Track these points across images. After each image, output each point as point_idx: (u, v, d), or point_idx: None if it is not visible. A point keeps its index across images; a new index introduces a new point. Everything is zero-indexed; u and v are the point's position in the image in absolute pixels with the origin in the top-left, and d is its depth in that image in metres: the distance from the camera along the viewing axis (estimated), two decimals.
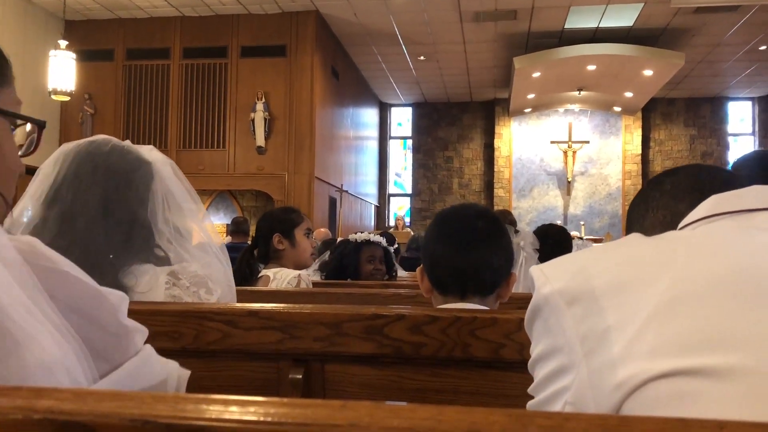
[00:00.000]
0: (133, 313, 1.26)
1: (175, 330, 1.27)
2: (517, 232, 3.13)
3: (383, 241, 3.30)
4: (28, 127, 0.88)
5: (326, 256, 3.35)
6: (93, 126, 9.99)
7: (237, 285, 2.44)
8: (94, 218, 1.30)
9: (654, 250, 0.69)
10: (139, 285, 1.32)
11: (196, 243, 1.44)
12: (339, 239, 3.39)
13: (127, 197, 1.35)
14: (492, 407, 1.12)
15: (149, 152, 1.43)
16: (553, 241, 3.23)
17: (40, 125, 0.89)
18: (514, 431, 0.38)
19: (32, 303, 0.63)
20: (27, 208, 1.34)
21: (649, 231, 0.89)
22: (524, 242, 3.06)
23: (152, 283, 1.33)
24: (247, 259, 2.66)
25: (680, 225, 0.77)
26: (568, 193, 14.10)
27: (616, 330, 0.62)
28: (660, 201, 0.91)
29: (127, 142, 1.44)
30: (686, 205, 0.78)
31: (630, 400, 0.60)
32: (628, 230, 0.93)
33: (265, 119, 9.76)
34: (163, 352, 1.28)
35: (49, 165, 1.37)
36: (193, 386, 1.32)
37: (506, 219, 4.18)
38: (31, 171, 0.90)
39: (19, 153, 0.85)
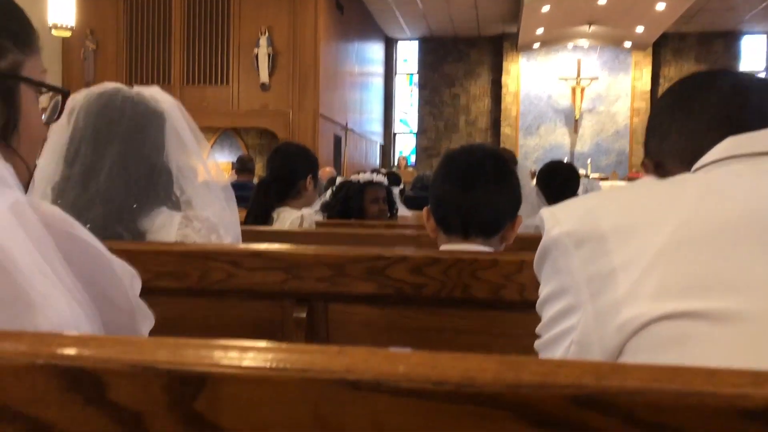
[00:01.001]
0: (138, 254, 1.28)
1: (180, 270, 1.29)
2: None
3: (385, 180, 3.31)
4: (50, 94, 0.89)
5: (327, 196, 3.35)
6: (95, 62, 9.87)
7: (251, 224, 2.46)
8: (114, 172, 1.34)
9: (663, 192, 0.69)
10: (154, 226, 1.36)
11: (203, 183, 1.45)
12: (340, 180, 3.37)
13: (143, 148, 1.38)
14: (492, 346, 1.15)
15: (158, 96, 1.44)
16: (562, 178, 3.19)
17: (65, 93, 0.90)
18: (507, 378, 0.38)
19: (48, 267, 0.64)
20: (47, 165, 1.36)
21: (666, 158, 0.86)
22: (522, 181, 3.04)
23: (166, 223, 1.37)
24: (263, 199, 2.58)
25: (694, 167, 0.77)
26: (576, 130, 13.98)
27: (622, 271, 0.63)
28: (685, 126, 0.85)
29: (137, 89, 1.44)
30: (709, 142, 0.76)
31: (632, 340, 0.61)
32: (648, 141, 0.89)
33: (269, 55, 9.62)
34: (168, 291, 1.31)
35: (63, 119, 1.38)
36: (200, 325, 1.35)
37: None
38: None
39: (43, 119, 0.87)
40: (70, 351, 0.41)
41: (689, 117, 0.84)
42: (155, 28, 9.91)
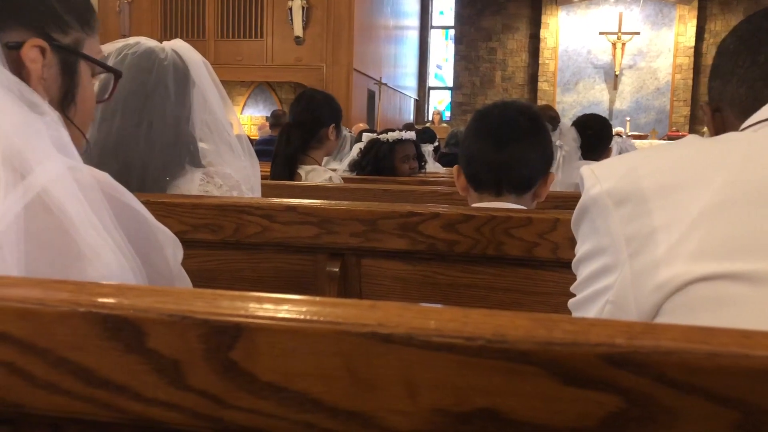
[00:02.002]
0: (175, 206, 1.30)
1: (215, 223, 1.31)
2: (555, 129, 3.04)
3: (413, 136, 3.27)
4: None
5: (354, 153, 3.32)
6: (130, 15, 9.89)
7: (278, 173, 2.46)
8: (144, 141, 1.36)
9: (708, 152, 0.67)
10: (177, 187, 1.40)
11: (225, 140, 1.47)
12: (367, 137, 3.31)
13: (171, 114, 1.39)
14: (524, 304, 1.15)
15: (187, 54, 1.43)
16: (593, 132, 3.11)
17: (117, 75, 0.96)
18: (539, 335, 0.38)
19: (100, 224, 0.67)
20: None
21: (725, 104, 0.83)
22: (565, 138, 2.97)
23: (187, 180, 1.40)
24: (285, 145, 2.50)
25: (744, 125, 0.74)
26: (615, 87, 13.65)
27: (663, 231, 0.62)
28: (748, 74, 0.80)
29: (168, 47, 1.43)
30: None
31: (669, 301, 0.60)
32: (710, 83, 0.86)
33: (303, 8, 9.52)
34: (204, 243, 1.33)
35: None
36: (234, 277, 1.37)
37: (547, 114, 4.08)
38: None
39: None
40: (111, 300, 0.43)
41: (753, 65, 0.79)
42: None
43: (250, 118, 10.23)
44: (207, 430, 0.43)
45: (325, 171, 2.55)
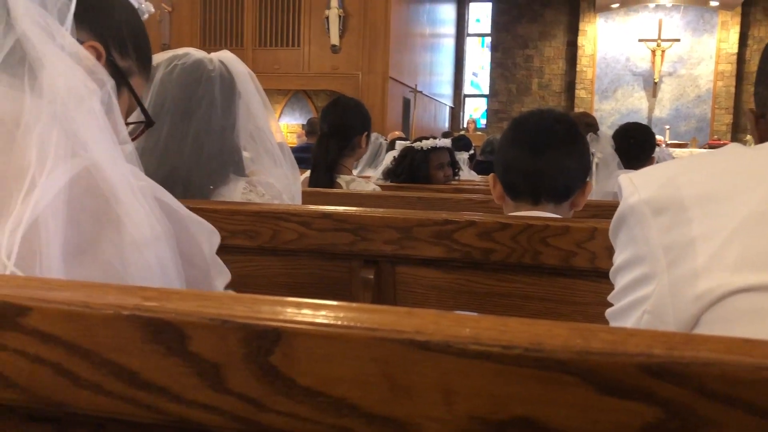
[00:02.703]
0: (213, 212, 1.32)
1: (252, 229, 1.32)
2: (595, 136, 3.00)
3: (448, 143, 3.26)
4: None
5: (388, 161, 3.33)
6: (171, 24, 10.08)
7: (315, 181, 2.48)
8: (191, 151, 1.39)
9: (750, 161, 0.66)
10: (221, 194, 1.43)
11: (267, 149, 1.49)
12: (400, 145, 3.31)
13: (216, 125, 1.43)
14: (561, 313, 1.14)
15: (234, 65, 1.46)
16: (635, 141, 3.05)
17: (149, 124, 0.97)
18: (577, 345, 0.38)
19: (140, 191, 0.69)
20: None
21: (764, 118, 0.81)
22: (601, 146, 2.93)
23: (231, 190, 1.43)
24: (324, 155, 2.50)
25: None
26: (654, 95, 13.44)
27: (702, 241, 0.61)
28: None
29: (216, 59, 1.46)
30: None
31: (709, 312, 0.59)
32: (756, 88, 0.84)
33: (340, 17, 9.59)
34: (241, 250, 1.35)
35: None
36: (270, 282, 1.39)
37: (584, 121, 4.02)
38: None
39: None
40: (154, 303, 0.44)
41: None
42: None
43: (287, 126, 10.33)
44: None
45: (368, 183, 2.56)
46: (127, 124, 0.94)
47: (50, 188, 0.62)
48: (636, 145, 2.97)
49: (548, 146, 1.38)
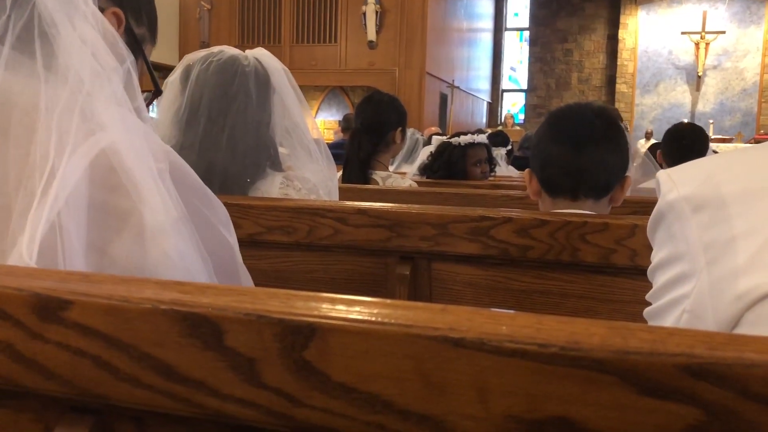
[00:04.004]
0: (249, 208, 1.34)
1: (289, 225, 1.33)
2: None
3: (485, 139, 3.23)
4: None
5: (424, 156, 3.31)
6: (210, 22, 10.21)
7: (349, 177, 2.48)
8: (228, 144, 1.41)
9: None
10: (258, 189, 1.45)
11: (304, 144, 1.50)
12: (438, 140, 3.29)
13: (252, 120, 1.44)
14: (599, 312, 1.12)
15: (269, 62, 1.48)
16: (687, 142, 2.94)
17: (157, 92, 0.96)
18: (615, 344, 0.38)
19: (158, 174, 0.66)
20: (161, 125, 1.45)
21: None
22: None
23: (267, 183, 1.45)
24: (357, 151, 2.51)
25: None
26: (698, 88, 13.14)
27: (743, 239, 0.59)
28: None
29: (251, 56, 1.48)
30: None
31: (750, 312, 0.58)
32: None
33: (377, 12, 9.60)
34: (277, 245, 1.36)
35: (176, 83, 1.46)
36: (306, 278, 1.39)
37: None
38: (155, 66, 0.96)
39: None
40: (190, 298, 0.44)
41: None
42: None
43: (324, 122, 10.38)
44: (280, 427, 0.44)
45: (404, 179, 2.56)
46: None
47: (69, 179, 0.60)
48: (687, 147, 2.85)
49: (589, 141, 1.36)
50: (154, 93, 0.96)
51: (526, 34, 14.64)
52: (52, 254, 0.59)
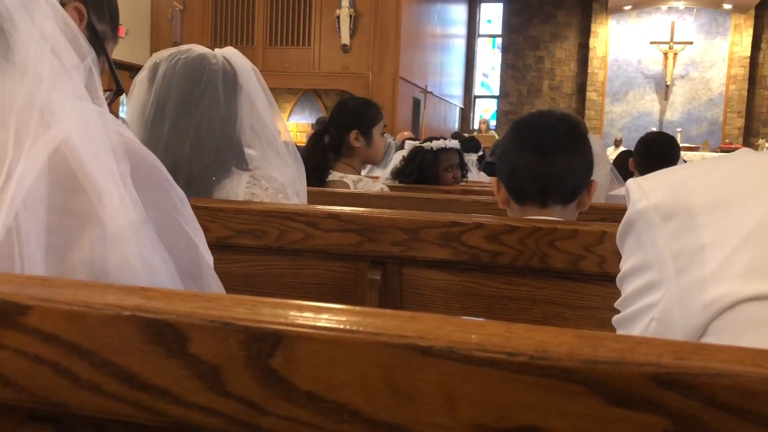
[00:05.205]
0: (219, 211, 1.32)
1: (259, 228, 1.32)
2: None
3: (457, 144, 3.24)
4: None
5: (397, 161, 3.31)
6: (182, 22, 10.11)
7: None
8: (195, 142, 1.39)
9: (761, 167, 0.65)
10: (223, 188, 1.42)
11: (272, 145, 1.49)
12: (410, 145, 3.29)
13: (218, 118, 1.43)
14: (568, 318, 1.13)
15: (237, 61, 1.47)
16: (659, 151, 2.96)
17: (120, 91, 0.93)
18: (583, 353, 0.37)
19: (120, 177, 0.64)
20: (129, 120, 1.42)
21: None
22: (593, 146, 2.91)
23: (234, 183, 1.43)
24: (319, 151, 2.49)
25: None
26: (666, 97, 13.38)
27: (711, 248, 0.60)
28: None
29: (219, 54, 1.47)
30: None
31: (718, 320, 0.58)
32: None
33: (350, 16, 9.60)
34: (247, 249, 1.35)
35: (144, 81, 1.43)
36: (276, 282, 1.38)
37: None
38: (126, 66, 0.94)
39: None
40: (154, 304, 0.43)
41: None
42: None
43: (296, 125, 10.34)
44: None
45: (376, 183, 2.54)
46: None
47: (26, 178, 0.58)
48: (659, 156, 2.88)
49: (555, 147, 1.37)
50: (115, 91, 0.93)
51: (499, 41, 14.77)
52: (10, 258, 0.57)
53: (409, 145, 3.30)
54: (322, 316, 0.42)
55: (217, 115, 1.41)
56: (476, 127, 13.65)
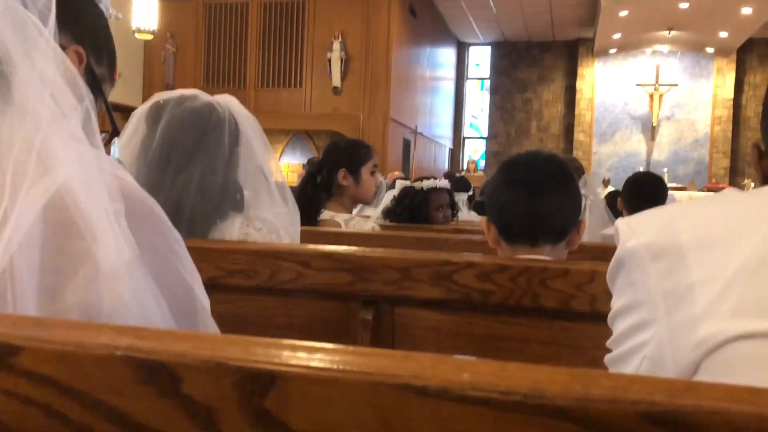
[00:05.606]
0: (211, 251, 1.32)
1: (251, 268, 1.32)
2: (581, 179, 3.01)
3: (447, 184, 3.27)
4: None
5: (388, 200, 3.33)
6: (175, 64, 10.21)
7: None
8: (196, 189, 1.41)
9: (747, 205, 0.66)
10: (218, 229, 1.45)
11: (266, 187, 1.51)
12: (401, 184, 3.31)
13: (221, 165, 1.45)
14: (561, 357, 1.12)
15: (237, 109, 1.50)
16: (647, 191, 2.98)
17: (116, 134, 0.94)
18: (577, 391, 0.38)
19: (114, 216, 0.63)
20: (129, 160, 1.44)
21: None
22: (590, 188, 2.94)
23: (228, 225, 1.45)
24: (310, 190, 2.54)
25: None
26: (653, 138, 13.56)
27: (701, 287, 0.60)
28: None
29: (223, 102, 1.49)
30: None
31: (709, 359, 0.59)
32: (762, 121, 0.81)
33: (342, 59, 9.73)
34: (238, 289, 1.34)
35: (146, 120, 1.45)
36: (268, 323, 1.37)
37: (573, 165, 4.04)
38: (119, 108, 0.94)
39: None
40: (147, 344, 0.43)
41: None
42: (232, 33, 10.18)
43: (288, 165, 10.38)
44: None
45: (367, 222, 2.56)
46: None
47: (23, 223, 0.58)
48: (648, 195, 2.90)
49: (543, 187, 1.39)
50: (112, 133, 0.93)
51: (487, 83, 14.99)
52: (2, 299, 0.57)
53: (401, 184, 3.32)
54: (316, 356, 0.42)
55: (221, 162, 1.44)
56: (465, 167, 13.76)
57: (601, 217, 2.93)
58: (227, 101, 1.51)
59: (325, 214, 2.50)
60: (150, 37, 7.80)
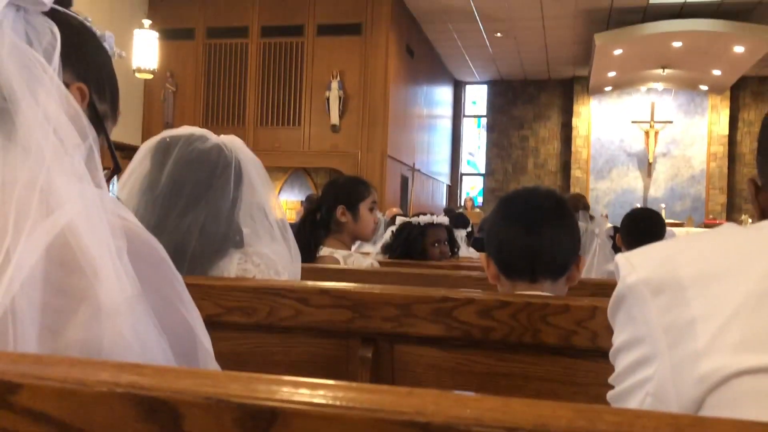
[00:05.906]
0: (209, 288, 1.31)
1: (249, 305, 1.31)
2: (591, 218, 3.02)
3: (446, 220, 3.27)
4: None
5: (387, 236, 3.33)
6: (174, 103, 10.30)
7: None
8: (200, 229, 1.42)
9: (746, 240, 0.66)
10: (216, 266, 1.45)
11: (266, 224, 1.52)
12: (400, 220, 3.32)
13: (225, 208, 1.46)
14: (562, 394, 1.11)
15: (242, 151, 1.52)
16: (646, 225, 2.96)
17: (116, 169, 0.94)
18: (582, 426, 0.37)
19: (116, 253, 0.64)
20: (129, 196, 1.44)
21: (764, 190, 0.79)
22: (599, 229, 2.95)
23: (227, 262, 1.45)
24: (309, 227, 2.55)
25: None
26: (649, 174, 13.63)
27: (702, 322, 0.60)
28: None
29: (227, 143, 1.50)
30: None
31: (712, 395, 0.58)
32: (757, 156, 0.81)
33: (340, 98, 9.83)
34: (236, 326, 1.33)
35: (152, 157, 1.46)
36: (267, 360, 1.36)
37: (580, 203, 4.05)
38: (118, 146, 0.94)
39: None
40: (148, 381, 0.43)
41: None
42: (232, 71, 10.29)
43: (286, 203, 10.41)
44: None
45: (365, 258, 2.56)
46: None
47: (25, 262, 0.58)
48: (646, 230, 2.90)
49: (542, 223, 1.39)
50: (113, 170, 0.94)
51: (484, 120, 15.12)
52: (3, 338, 0.56)
53: (400, 221, 3.33)
54: (318, 393, 0.42)
55: (226, 203, 1.45)
56: (462, 204, 13.80)
57: (605, 255, 2.93)
58: (233, 143, 1.52)
59: (324, 251, 2.50)
60: (150, 76, 7.89)
